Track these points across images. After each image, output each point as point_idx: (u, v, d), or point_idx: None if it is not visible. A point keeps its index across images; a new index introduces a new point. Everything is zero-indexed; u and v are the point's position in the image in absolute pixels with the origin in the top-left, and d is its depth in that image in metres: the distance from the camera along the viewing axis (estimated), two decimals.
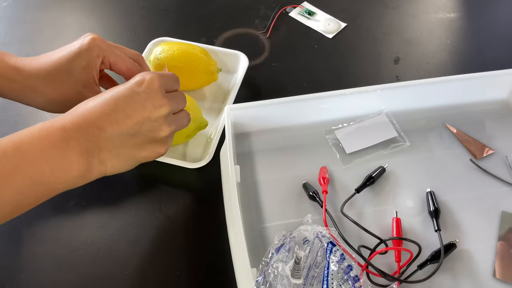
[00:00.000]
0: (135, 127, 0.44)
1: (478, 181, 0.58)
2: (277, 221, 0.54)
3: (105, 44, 0.53)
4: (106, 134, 0.43)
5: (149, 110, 0.44)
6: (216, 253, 0.53)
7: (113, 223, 0.56)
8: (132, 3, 0.81)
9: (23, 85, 0.51)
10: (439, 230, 0.52)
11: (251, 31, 0.76)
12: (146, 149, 0.46)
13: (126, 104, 0.44)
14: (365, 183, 0.56)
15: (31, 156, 0.40)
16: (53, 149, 0.41)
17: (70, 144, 0.41)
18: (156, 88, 0.45)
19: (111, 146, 0.44)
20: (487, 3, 0.83)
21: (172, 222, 0.56)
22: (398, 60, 0.72)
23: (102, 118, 0.43)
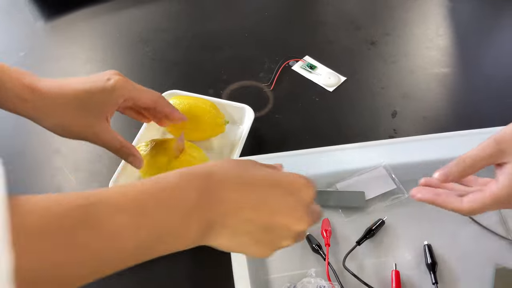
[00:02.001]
0: (270, 225, 0.39)
1: (474, 234, 0.60)
2: (282, 272, 0.56)
3: (129, 83, 0.55)
4: (240, 218, 0.37)
5: (291, 220, 0.39)
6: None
7: None
8: (143, 55, 0.86)
9: (35, 106, 0.51)
10: (436, 283, 0.54)
11: (256, 83, 0.80)
12: (260, 247, 0.40)
13: (275, 200, 0.39)
14: (365, 235, 0.58)
15: (158, 213, 0.34)
16: (182, 216, 0.35)
17: (197, 212, 0.36)
18: (308, 201, 0.41)
19: (235, 230, 0.38)
20: (481, 59, 0.87)
21: (179, 276, 0.58)
22: (396, 114, 0.76)
23: (246, 202, 0.38)
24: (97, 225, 0.31)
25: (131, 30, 0.91)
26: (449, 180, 0.49)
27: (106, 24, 0.92)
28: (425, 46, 0.89)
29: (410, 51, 0.88)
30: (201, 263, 0.59)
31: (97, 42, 0.89)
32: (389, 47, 0.88)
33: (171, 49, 0.87)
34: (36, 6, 0.94)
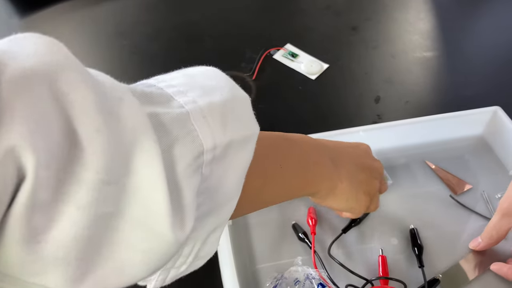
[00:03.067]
0: (363, 165, 0.51)
1: (458, 216, 0.60)
2: (269, 262, 0.56)
3: None
4: (346, 160, 0.49)
5: (371, 162, 0.53)
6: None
7: None
8: (122, 49, 0.84)
9: None
10: (423, 267, 0.55)
11: (237, 73, 0.79)
12: (364, 191, 0.50)
13: (356, 149, 0.54)
14: (351, 223, 0.58)
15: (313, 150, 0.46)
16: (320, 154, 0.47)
17: (326, 154, 0.47)
18: (380, 173, 0.55)
19: (347, 170, 0.48)
20: (462, 42, 0.88)
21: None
22: (379, 99, 0.76)
23: (347, 152, 0.51)
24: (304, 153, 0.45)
25: (109, 24, 0.89)
26: (479, 248, 0.56)
27: (83, 18, 0.91)
28: (406, 30, 0.89)
29: (391, 36, 0.88)
30: None
31: (74, 37, 0.88)
32: (370, 32, 0.88)
33: (151, 41, 0.86)
34: (10, 3, 0.92)
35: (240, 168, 0.31)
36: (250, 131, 0.32)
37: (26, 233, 0.21)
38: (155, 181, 0.24)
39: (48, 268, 0.22)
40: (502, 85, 0.79)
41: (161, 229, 0.25)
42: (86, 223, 0.22)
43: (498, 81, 0.79)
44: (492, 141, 0.67)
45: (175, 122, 0.27)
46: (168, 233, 0.25)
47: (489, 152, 0.67)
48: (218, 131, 0.29)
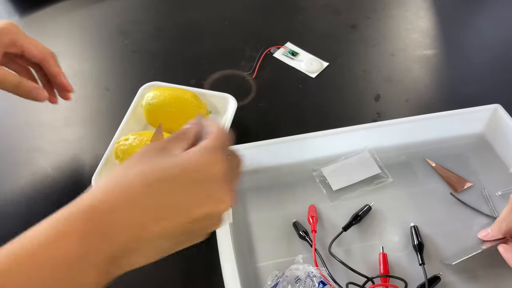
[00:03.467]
0: (188, 223, 0.32)
1: (459, 214, 0.61)
2: (270, 260, 0.56)
3: (20, 30, 0.57)
4: (149, 236, 0.31)
5: (210, 207, 0.33)
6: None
7: None
8: (123, 48, 0.84)
9: None
10: (423, 264, 0.55)
11: (237, 72, 0.79)
12: (185, 243, 0.35)
13: (185, 195, 0.32)
14: (352, 221, 0.59)
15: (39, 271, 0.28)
16: (69, 267, 0.29)
17: (90, 255, 0.29)
18: (221, 176, 0.33)
19: (147, 249, 0.32)
20: (462, 39, 0.88)
21: (165, 265, 0.57)
22: (379, 97, 0.76)
23: (150, 215, 0.31)
24: None
25: (109, 22, 0.89)
26: (488, 238, 0.56)
27: (84, 17, 0.91)
28: (405, 28, 0.89)
29: (391, 34, 0.88)
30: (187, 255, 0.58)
31: (74, 36, 0.88)
32: (369, 31, 0.88)
33: (151, 40, 0.86)
34: (10, 2, 0.92)
35: None
36: None
37: None
38: None
39: None
40: (503, 83, 0.79)
41: None
42: None
43: (498, 79, 0.80)
44: (493, 139, 0.67)
45: None
46: None
47: (490, 150, 0.67)
48: None
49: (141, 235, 0.31)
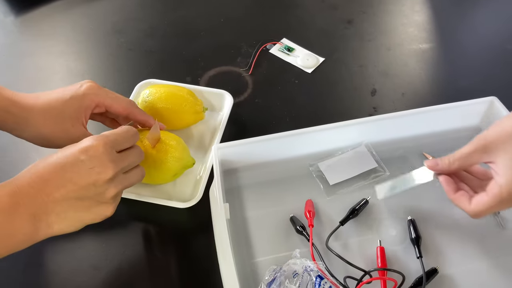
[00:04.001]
0: (82, 192, 0.46)
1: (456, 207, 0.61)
2: (267, 255, 0.56)
3: (101, 90, 0.58)
4: (54, 199, 0.45)
5: (94, 177, 0.46)
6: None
7: (106, 264, 0.57)
8: (118, 46, 0.84)
9: (17, 117, 0.54)
10: (421, 257, 0.55)
11: (234, 68, 0.79)
12: (92, 211, 0.48)
13: (72, 171, 0.46)
14: (349, 215, 0.59)
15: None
16: (1, 216, 0.43)
17: (18, 211, 0.44)
18: (99, 155, 0.47)
19: (59, 210, 0.46)
20: (458, 33, 0.88)
21: (164, 262, 0.57)
22: (375, 92, 0.76)
23: (50, 185, 0.45)
24: None
25: (105, 21, 0.89)
26: (437, 169, 0.53)
27: (79, 16, 0.91)
28: (401, 22, 0.89)
29: (386, 29, 0.88)
30: (185, 252, 0.59)
31: (70, 35, 0.88)
32: (365, 25, 0.88)
33: (147, 38, 0.86)
34: (6, 1, 0.92)
35: None
36: None
37: None
38: None
39: None
40: (498, 76, 0.79)
41: None
42: None
43: (494, 72, 0.80)
44: None
45: None
46: None
47: None
48: None
49: (49, 199, 0.45)
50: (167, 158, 0.59)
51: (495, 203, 0.47)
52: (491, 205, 0.48)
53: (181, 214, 0.61)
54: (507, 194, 0.46)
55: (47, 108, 0.55)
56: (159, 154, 0.58)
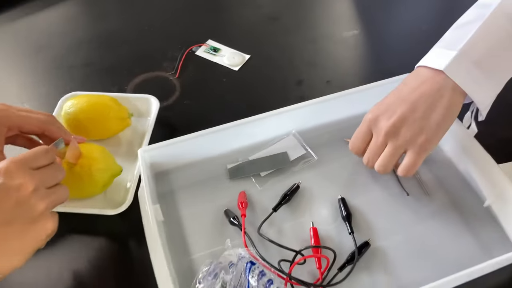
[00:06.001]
0: (8, 216, 0.43)
1: (383, 182, 0.63)
2: (204, 251, 0.56)
3: (10, 111, 0.55)
4: None
5: (14, 195, 0.44)
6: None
7: (38, 279, 0.55)
8: (42, 62, 0.83)
9: None
10: (353, 233, 0.57)
11: (160, 74, 0.79)
12: (31, 234, 0.45)
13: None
14: (281, 201, 0.60)
15: None
16: None
17: None
18: (12, 173, 0.44)
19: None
20: (378, 20, 0.91)
21: (98, 270, 0.56)
22: (302, 82, 0.78)
23: None
24: None
25: (30, 37, 0.88)
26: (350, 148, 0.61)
27: (3, 34, 0.88)
28: (324, 15, 0.92)
29: (310, 22, 0.91)
30: (120, 257, 0.58)
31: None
32: (290, 21, 0.90)
33: (71, 52, 0.85)
34: None
35: None
36: None
37: None
38: None
39: None
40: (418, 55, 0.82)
41: None
42: None
43: (414, 52, 0.82)
44: None
45: None
46: None
47: None
48: None
49: None
50: (92, 172, 0.57)
51: (360, 128, 0.59)
52: (359, 130, 0.60)
53: (114, 221, 0.60)
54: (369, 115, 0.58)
55: None
56: (83, 169, 0.57)
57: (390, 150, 0.56)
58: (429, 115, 0.55)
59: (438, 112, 0.55)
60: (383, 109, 0.57)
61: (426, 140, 0.55)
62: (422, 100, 0.55)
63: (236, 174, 0.63)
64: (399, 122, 0.55)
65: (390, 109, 0.56)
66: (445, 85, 0.55)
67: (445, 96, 0.55)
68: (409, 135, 0.55)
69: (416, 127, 0.55)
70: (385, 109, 0.57)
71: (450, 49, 0.55)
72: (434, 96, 0.55)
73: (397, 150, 0.56)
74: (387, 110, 0.57)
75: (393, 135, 0.55)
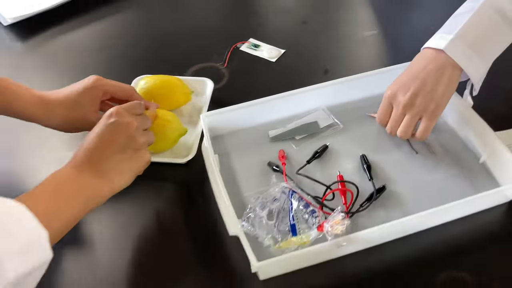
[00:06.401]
0: (122, 145, 0.61)
1: (395, 144, 0.77)
2: (253, 190, 0.71)
3: (105, 80, 0.73)
4: (106, 158, 0.59)
5: (125, 131, 0.61)
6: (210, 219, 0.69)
7: (116, 221, 0.71)
8: (117, 57, 1.00)
9: (45, 110, 0.70)
10: (372, 179, 0.71)
11: (211, 64, 0.96)
12: (135, 160, 0.62)
13: (107, 134, 0.60)
14: (313, 156, 0.74)
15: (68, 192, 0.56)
16: (72, 180, 0.57)
17: (83, 174, 0.58)
18: (122, 114, 0.62)
19: (113, 166, 0.60)
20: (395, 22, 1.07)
21: (171, 206, 0.72)
22: (328, 71, 0.93)
23: (98, 151, 0.60)
24: None
25: (100, 39, 1.06)
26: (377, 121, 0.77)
27: (77, 37, 1.06)
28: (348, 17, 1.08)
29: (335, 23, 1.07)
30: (189, 197, 0.73)
31: (70, 55, 1.03)
32: (317, 23, 1.06)
33: (137, 49, 1.02)
34: (11, 29, 1.06)
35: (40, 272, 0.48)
36: (42, 259, 0.48)
37: None
38: None
39: None
40: None
41: None
42: None
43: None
44: None
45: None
46: None
47: None
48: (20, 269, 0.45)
49: (102, 160, 0.59)
50: (165, 130, 0.74)
51: (382, 104, 0.74)
52: (382, 106, 0.74)
53: (179, 171, 0.76)
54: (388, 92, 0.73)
55: (66, 100, 0.71)
56: (158, 128, 0.73)
57: (408, 118, 0.71)
58: (436, 88, 0.69)
59: (442, 85, 0.69)
60: (399, 86, 0.72)
61: (436, 107, 0.69)
62: (429, 76, 0.70)
63: (276, 138, 0.79)
64: (414, 96, 0.70)
65: (405, 86, 0.71)
66: (446, 63, 0.70)
67: (446, 72, 0.70)
68: (423, 105, 0.69)
69: (427, 98, 0.69)
70: (401, 86, 0.71)
71: (449, 34, 0.70)
72: (438, 72, 0.70)
73: (414, 118, 0.71)
74: (403, 86, 0.71)
75: (410, 106, 0.70)
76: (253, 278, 0.62)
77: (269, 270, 0.61)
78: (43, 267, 0.48)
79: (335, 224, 0.59)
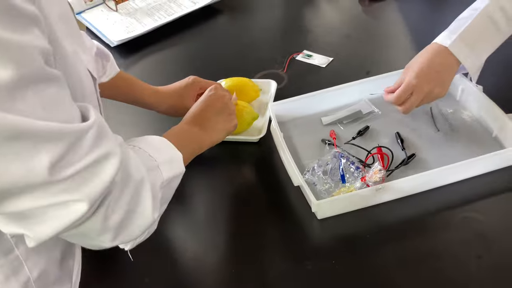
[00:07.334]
0: (219, 109, 0.84)
1: (421, 122, 0.97)
2: (310, 159, 0.92)
3: (201, 79, 0.98)
4: (207, 119, 0.82)
5: (220, 99, 0.85)
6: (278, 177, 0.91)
7: (211, 184, 0.95)
8: (201, 63, 1.26)
9: (157, 99, 0.95)
10: (404, 149, 0.91)
11: (274, 71, 1.20)
12: (228, 122, 0.85)
13: (209, 101, 0.85)
14: (358, 133, 0.96)
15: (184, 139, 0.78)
16: (197, 132, 0.81)
17: (193, 128, 0.81)
18: (218, 89, 0.88)
19: (212, 125, 0.82)
20: (426, 33, 1.27)
21: (250, 171, 0.95)
22: (369, 73, 1.15)
23: (202, 113, 0.83)
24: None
25: (187, 57, 1.32)
26: (389, 90, 0.92)
27: (168, 53, 1.33)
28: (384, 32, 1.29)
29: (373, 37, 1.28)
30: (262, 166, 0.96)
31: (164, 67, 1.29)
32: (358, 36, 1.29)
33: (219, 60, 1.27)
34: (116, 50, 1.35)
35: (177, 181, 0.69)
36: (180, 170, 0.68)
37: None
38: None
39: None
40: None
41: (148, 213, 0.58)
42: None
43: None
44: None
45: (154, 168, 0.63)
46: (150, 215, 0.58)
47: None
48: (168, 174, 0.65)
49: (204, 120, 0.83)
50: (242, 114, 0.97)
51: (403, 88, 0.88)
52: (402, 89, 0.88)
53: (253, 148, 0.99)
54: (413, 81, 0.87)
55: (173, 92, 0.96)
56: (238, 112, 0.96)
57: (422, 103, 0.90)
58: (448, 80, 0.89)
59: (447, 74, 0.89)
60: (423, 78, 0.89)
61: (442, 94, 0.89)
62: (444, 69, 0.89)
63: (328, 123, 1.00)
64: (433, 87, 0.88)
65: (427, 78, 0.89)
66: (450, 58, 0.89)
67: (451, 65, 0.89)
68: (436, 94, 0.88)
69: (441, 88, 0.89)
70: (424, 77, 0.89)
71: (453, 33, 0.90)
72: (445, 65, 0.89)
73: (425, 103, 0.90)
74: (425, 78, 0.90)
75: (429, 95, 0.89)
76: (312, 219, 0.83)
77: (325, 209, 0.82)
78: (180, 177, 0.68)
79: (374, 174, 0.79)
